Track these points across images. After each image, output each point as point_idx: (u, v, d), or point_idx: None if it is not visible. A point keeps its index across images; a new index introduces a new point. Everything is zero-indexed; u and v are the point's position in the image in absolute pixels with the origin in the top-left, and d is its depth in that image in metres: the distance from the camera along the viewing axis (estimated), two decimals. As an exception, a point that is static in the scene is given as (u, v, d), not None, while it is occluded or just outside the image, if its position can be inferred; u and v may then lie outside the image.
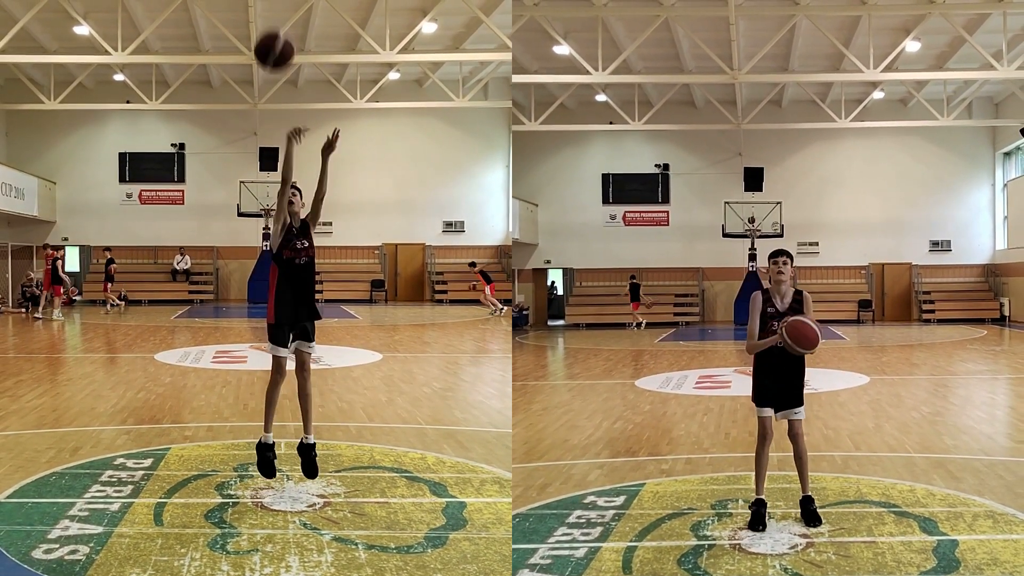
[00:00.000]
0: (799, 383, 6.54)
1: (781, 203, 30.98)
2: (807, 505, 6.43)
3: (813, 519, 6.35)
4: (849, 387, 13.79)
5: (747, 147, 32.08)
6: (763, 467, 6.46)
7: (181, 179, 33.30)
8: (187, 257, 32.87)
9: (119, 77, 29.71)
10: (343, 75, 30.86)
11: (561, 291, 33.97)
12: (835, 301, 30.80)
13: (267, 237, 30.53)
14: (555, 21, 22.70)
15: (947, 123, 29.21)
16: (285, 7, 23.54)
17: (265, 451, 6.75)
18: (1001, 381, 15.63)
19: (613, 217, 33.10)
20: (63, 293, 24.50)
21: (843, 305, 31.00)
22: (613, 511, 6.79)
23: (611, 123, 29.82)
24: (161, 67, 29.47)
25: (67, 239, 32.01)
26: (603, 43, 22.57)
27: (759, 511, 6.32)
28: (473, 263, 28.84)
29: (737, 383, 14.31)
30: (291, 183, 6.70)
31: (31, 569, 5.23)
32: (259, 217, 31.34)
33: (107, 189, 32.98)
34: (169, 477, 7.17)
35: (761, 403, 6.52)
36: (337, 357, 15.26)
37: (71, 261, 31.42)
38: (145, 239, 32.94)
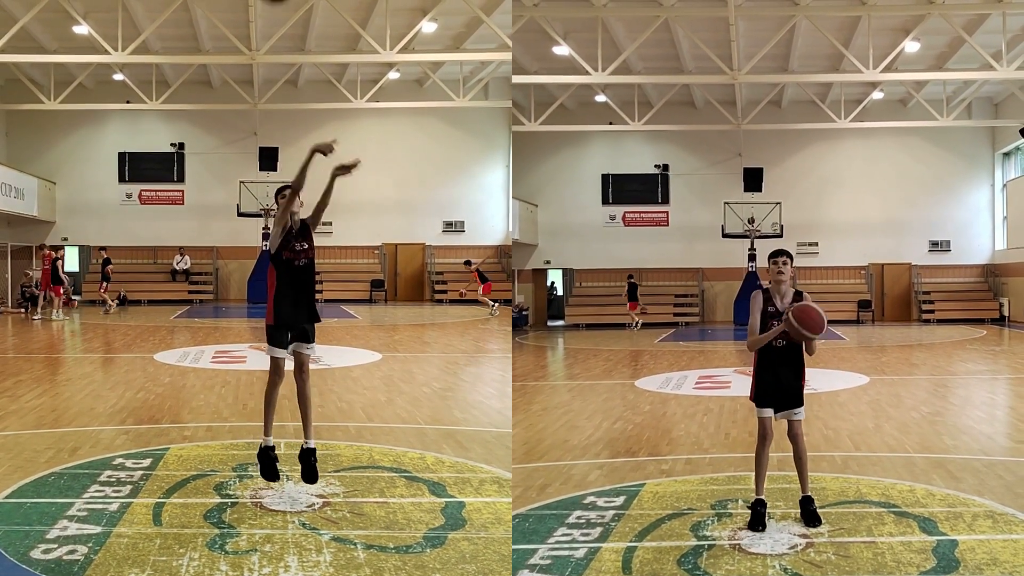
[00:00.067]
0: (799, 384, 6.55)
1: (781, 203, 30.97)
2: (807, 505, 6.43)
3: (813, 519, 6.35)
4: (849, 387, 13.79)
5: (747, 147, 32.07)
6: (763, 467, 6.46)
7: (181, 179, 33.28)
8: (187, 257, 32.86)
9: (119, 77, 29.69)
10: (343, 75, 30.86)
11: (561, 291, 33.97)
12: (835, 301, 30.73)
13: (267, 237, 30.49)
14: (555, 21, 22.69)
15: (947, 123, 29.20)
16: (285, 7, 23.50)
17: (267, 456, 6.74)
18: (1001, 381, 15.63)
19: (613, 217, 33.09)
20: (63, 293, 24.50)
21: (843, 305, 30.96)
22: (613, 511, 6.79)
23: (611, 123, 29.79)
24: (161, 67, 29.44)
25: (67, 239, 31.96)
26: (603, 43, 22.56)
27: (759, 511, 6.33)
28: (468, 262, 28.68)
29: (737, 383, 14.30)
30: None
31: (29, 569, 5.22)
32: (259, 217, 31.32)
33: (107, 189, 32.95)
34: (168, 477, 7.16)
35: (761, 403, 6.53)
36: (337, 357, 15.25)
37: (71, 261, 31.40)
38: (145, 239, 32.92)
